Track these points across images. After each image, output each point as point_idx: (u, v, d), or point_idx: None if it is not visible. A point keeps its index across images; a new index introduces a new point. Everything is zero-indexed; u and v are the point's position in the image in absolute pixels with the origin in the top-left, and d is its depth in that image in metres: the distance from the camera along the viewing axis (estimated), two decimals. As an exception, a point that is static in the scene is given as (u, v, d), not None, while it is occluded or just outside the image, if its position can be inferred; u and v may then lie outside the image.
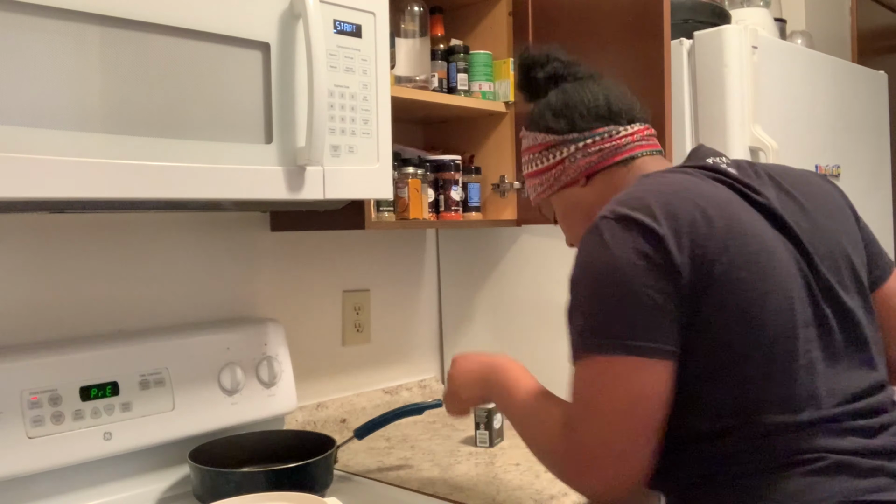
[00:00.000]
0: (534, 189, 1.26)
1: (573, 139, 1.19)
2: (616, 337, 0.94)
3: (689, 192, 1.00)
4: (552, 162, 1.21)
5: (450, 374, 1.35)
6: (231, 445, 1.51)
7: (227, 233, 1.73)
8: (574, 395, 0.99)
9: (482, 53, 1.89)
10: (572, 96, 1.21)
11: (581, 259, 1.02)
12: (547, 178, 1.22)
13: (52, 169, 1.03)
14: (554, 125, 1.20)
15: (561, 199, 1.24)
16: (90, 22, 1.07)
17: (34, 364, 1.33)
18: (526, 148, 1.26)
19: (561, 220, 1.26)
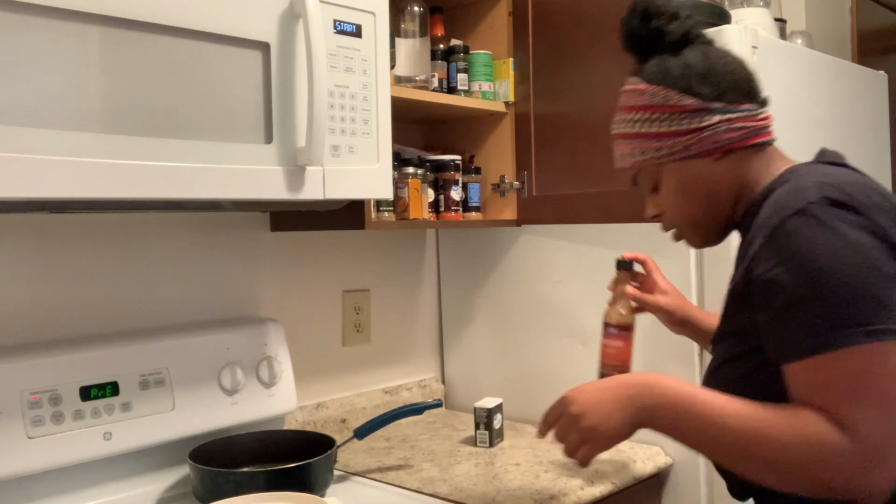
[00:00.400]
0: (643, 152, 1.12)
1: (719, 109, 1.08)
2: (880, 320, 0.88)
3: (869, 182, 1.00)
4: (688, 127, 1.09)
5: (573, 415, 1.07)
6: (231, 445, 1.51)
7: (227, 233, 1.73)
8: (834, 391, 0.90)
9: (482, 53, 1.89)
10: (716, 63, 1.11)
11: (804, 247, 0.92)
12: (673, 144, 1.10)
13: (52, 169, 1.03)
14: (699, 89, 1.08)
15: (681, 170, 1.11)
16: (90, 22, 1.07)
17: (34, 364, 1.33)
18: (646, 105, 1.12)
19: (671, 192, 1.13)
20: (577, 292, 1.88)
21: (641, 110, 1.13)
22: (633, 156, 1.15)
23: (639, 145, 1.13)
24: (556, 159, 1.82)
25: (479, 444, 1.79)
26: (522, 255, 1.99)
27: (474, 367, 2.12)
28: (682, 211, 1.14)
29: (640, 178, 1.17)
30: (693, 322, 1.37)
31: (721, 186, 1.11)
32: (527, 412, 2.00)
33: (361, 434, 1.58)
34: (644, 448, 1.74)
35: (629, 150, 1.15)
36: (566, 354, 1.91)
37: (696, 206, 1.12)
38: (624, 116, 1.16)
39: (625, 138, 1.15)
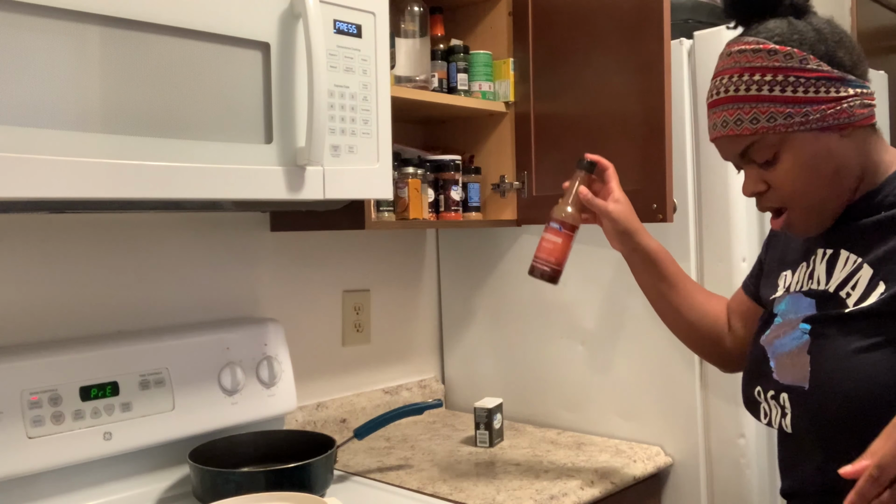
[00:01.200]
0: (771, 117, 1.03)
1: (854, 82, 1.03)
2: None
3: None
4: (826, 96, 1.02)
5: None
6: (231, 445, 1.51)
7: (227, 233, 1.73)
8: None
9: (482, 53, 1.89)
10: (843, 35, 1.05)
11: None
12: (807, 112, 1.02)
13: (52, 169, 1.03)
14: (839, 57, 1.03)
15: (813, 143, 1.03)
16: (90, 22, 1.07)
17: (34, 364, 1.33)
18: (779, 67, 1.03)
19: (796, 167, 1.04)
20: (577, 292, 1.88)
21: (772, 72, 1.03)
22: (754, 121, 1.03)
23: (766, 110, 1.03)
24: (556, 159, 1.82)
25: (479, 444, 1.79)
26: (522, 255, 1.99)
27: (474, 367, 2.12)
28: (807, 189, 1.05)
29: (755, 148, 1.05)
30: (636, 237, 1.36)
31: (850, 164, 1.05)
32: (527, 412, 2.00)
33: (361, 434, 1.58)
34: (644, 448, 1.74)
35: (749, 114, 1.04)
36: (566, 354, 1.91)
37: (822, 184, 1.05)
38: (744, 78, 1.04)
39: (744, 101, 1.04)
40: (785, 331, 1.10)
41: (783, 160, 1.04)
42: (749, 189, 1.09)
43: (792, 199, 1.06)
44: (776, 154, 1.04)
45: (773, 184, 1.06)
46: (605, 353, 1.84)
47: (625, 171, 1.67)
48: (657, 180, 1.61)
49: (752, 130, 1.04)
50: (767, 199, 1.08)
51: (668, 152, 1.60)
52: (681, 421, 1.72)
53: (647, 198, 1.62)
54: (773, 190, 1.07)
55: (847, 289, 1.04)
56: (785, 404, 1.08)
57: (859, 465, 0.85)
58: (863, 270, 1.03)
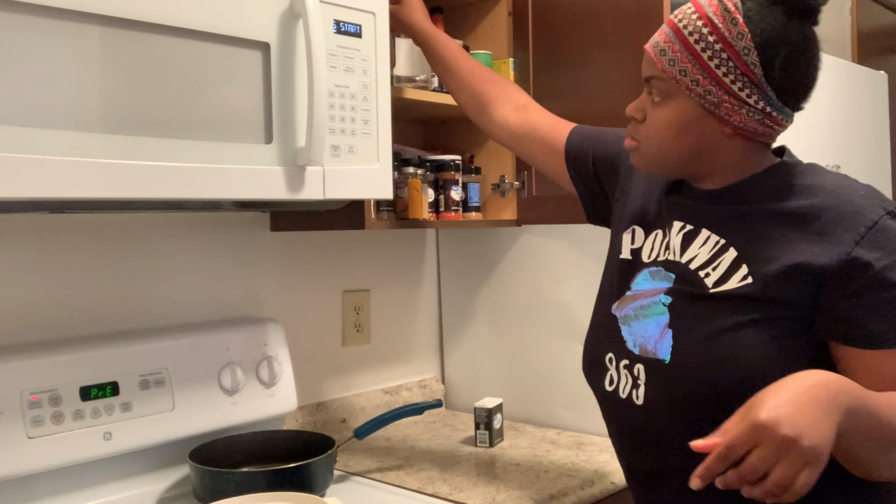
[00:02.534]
0: (683, 72, 1.05)
1: (773, 102, 1.05)
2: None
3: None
4: (737, 92, 1.04)
5: (787, 438, 0.84)
6: (231, 445, 1.51)
7: (227, 233, 1.73)
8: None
9: (482, 53, 1.89)
10: (809, 60, 1.06)
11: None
12: (710, 90, 1.04)
13: (52, 169, 1.03)
14: (779, 75, 1.03)
15: (691, 112, 1.07)
16: (90, 22, 1.07)
17: (34, 364, 1.33)
18: (726, 40, 1.03)
19: (668, 123, 1.08)
20: (577, 292, 1.88)
21: (716, 35, 1.04)
22: (671, 63, 1.06)
23: (685, 61, 1.05)
24: (556, 159, 1.81)
25: (479, 444, 1.79)
26: (522, 255, 1.99)
27: (474, 367, 2.12)
28: (662, 143, 1.11)
29: (654, 83, 1.09)
30: (412, 27, 1.61)
31: (712, 153, 1.09)
32: (527, 412, 2.00)
33: (361, 434, 1.58)
34: (644, 448, 1.74)
35: (673, 53, 1.06)
36: (566, 354, 1.91)
37: (677, 149, 1.10)
38: (695, 19, 1.05)
39: (680, 42, 1.05)
40: (640, 302, 1.14)
41: (665, 108, 1.08)
42: (632, 108, 1.14)
43: (644, 142, 1.12)
44: (663, 100, 1.08)
45: (648, 121, 1.11)
46: (605, 353, 1.83)
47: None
48: (657, 180, 1.60)
49: (662, 69, 1.07)
50: (635, 128, 1.14)
51: (668, 152, 1.60)
52: (681, 421, 1.72)
53: (647, 198, 1.62)
54: (644, 126, 1.12)
55: (708, 269, 1.08)
56: (639, 375, 1.11)
57: (710, 441, 0.87)
58: (727, 253, 1.07)
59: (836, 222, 1.01)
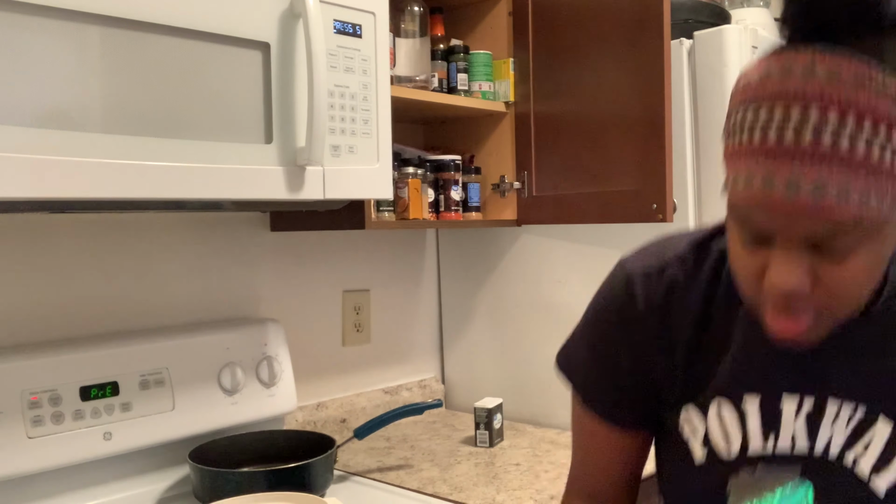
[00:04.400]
0: (879, 197, 0.67)
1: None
2: None
3: None
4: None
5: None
6: (231, 445, 1.51)
7: (227, 233, 1.73)
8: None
9: (482, 53, 1.89)
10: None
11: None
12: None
13: (52, 169, 1.03)
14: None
15: (891, 239, 0.72)
16: (90, 22, 1.07)
17: (34, 364, 1.33)
18: (892, 115, 0.66)
19: (869, 266, 0.71)
20: (577, 292, 1.88)
21: (886, 121, 0.65)
22: (865, 198, 0.66)
23: (881, 186, 0.66)
24: (556, 159, 1.82)
25: (479, 444, 1.79)
26: (522, 255, 1.99)
27: (474, 367, 2.12)
28: (862, 296, 0.74)
29: (843, 235, 0.68)
30: None
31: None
32: (527, 412, 2.00)
33: (361, 434, 1.58)
34: (644, 448, 1.74)
35: (859, 187, 0.66)
36: (566, 354, 1.91)
37: (871, 285, 0.73)
38: (847, 122, 0.65)
39: (857, 167, 0.66)
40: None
41: (859, 255, 0.70)
42: (794, 281, 0.70)
43: (839, 306, 0.73)
44: (855, 247, 0.70)
45: (830, 283, 0.71)
46: (605, 353, 1.83)
47: (625, 171, 1.67)
48: (657, 180, 1.61)
49: (859, 211, 0.66)
50: (808, 297, 0.72)
51: (668, 152, 1.60)
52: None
53: (647, 198, 1.62)
54: (823, 289, 0.72)
55: (856, 450, 0.80)
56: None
57: None
58: (878, 424, 0.79)
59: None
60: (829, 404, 0.81)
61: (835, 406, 0.81)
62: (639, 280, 0.91)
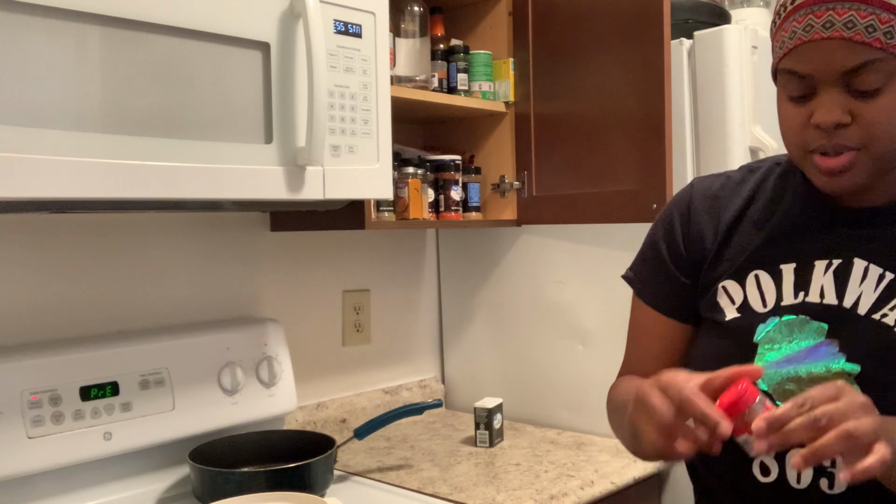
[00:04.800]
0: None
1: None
2: None
3: None
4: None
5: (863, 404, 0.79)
6: (231, 445, 1.51)
7: (227, 233, 1.73)
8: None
9: (482, 53, 1.89)
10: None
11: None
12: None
13: (52, 169, 1.03)
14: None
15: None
16: (90, 22, 1.07)
17: (34, 364, 1.33)
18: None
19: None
20: (577, 292, 1.88)
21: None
22: (889, 35, 0.83)
23: (892, 21, 0.83)
24: (556, 159, 1.82)
25: (479, 444, 1.78)
26: (522, 255, 1.99)
27: (474, 367, 2.12)
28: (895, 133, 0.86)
29: (870, 69, 0.84)
30: None
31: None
32: (527, 412, 2.00)
33: (361, 434, 1.58)
34: (644, 448, 1.74)
35: (885, 24, 0.83)
36: (566, 354, 1.91)
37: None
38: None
39: (882, 8, 0.83)
40: (793, 367, 0.92)
41: (888, 94, 0.84)
42: (833, 117, 0.85)
43: (875, 142, 0.86)
44: (888, 82, 0.84)
45: (866, 118, 0.85)
46: (605, 353, 1.83)
47: (625, 171, 1.67)
48: (657, 180, 1.61)
49: (884, 45, 0.82)
50: (844, 135, 0.86)
51: (668, 152, 1.60)
52: (681, 421, 1.72)
53: (647, 198, 1.62)
54: (859, 126, 0.86)
55: (885, 310, 0.88)
56: (836, 466, 0.90)
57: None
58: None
59: None
60: (855, 264, 0.91)
61: (862, 266, 0.91)
62: (700, 180, 1.10)
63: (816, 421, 0.75)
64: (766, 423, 0.77)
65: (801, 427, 0.76)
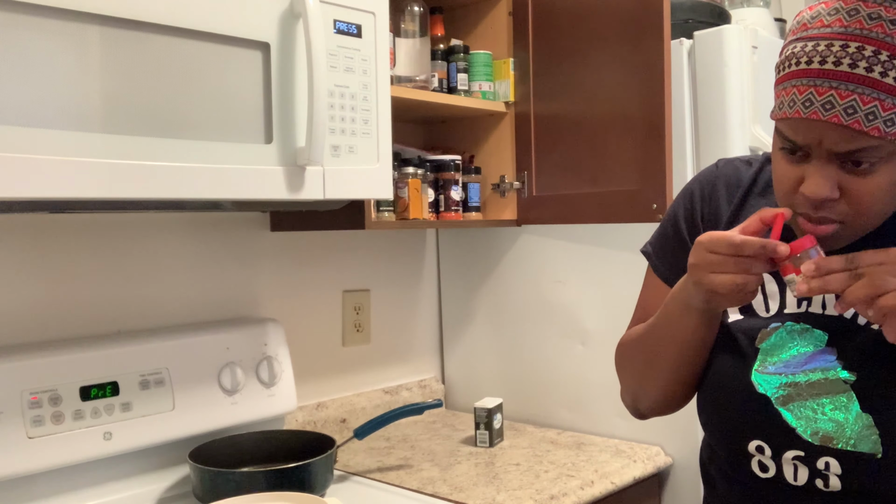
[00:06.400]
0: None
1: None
2: None
3: None
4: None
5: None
6: (231, 445, 1.51)
7: (227, 233, 1.73)
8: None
9: (482, 53, 1.89)
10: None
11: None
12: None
13: (52, 169, 1.03)
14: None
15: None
16: (90, 22, 1.07)
17: (34, 364, 1.33)
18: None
19: (884, 190, 0.87)
20: (577, 292, 1.88)
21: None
22: (890, 123, 0.82)
23: (895, 108, 0.82)
24: (556, 159, 1.82)
25: (479, 444, 1.79)
26: (522, 255, 1.99)
27: (474, 367, 2.12)
28: (883, 210, 0.89)
29: (867, 153, 0.84)
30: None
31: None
32: (527, 412, 2.00)
33: (361, 434, 1.58)
34: (644, 448, 1.74)
35: (888, 112, 0.82)
36: (566, 354, 1.91)
37: (892, 206, 0.90)
38: (881, 57, 0.81)
39: (886, 93, 0.81)
40: (794, 374, 0.94)
41: (879, 174, 0.85)
42: (823, 192, 0.86)
43: (860, 217, 0.88)
44: (878, 165, 0.86)
45: (854, 195, 0.87)
46: (605, 353, 1.83)
47: (625, 171, 1.67)
48: (657, 180, 1.61)
49: (882, 133, 0.82)
50: (831, 208, 0.88)
51: (668, 152, 1.60)
52: (681, 421, 1.72)
53: (647, 198, 1.62)
54: (848, 201, 0.87)
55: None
56: (829, 468, 0.92)
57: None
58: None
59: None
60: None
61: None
62: (727, 162, 1.11)
63: (858, 276, 0.81)
64: (815, 265, 0.84)
65: (842, 278, 0.82)
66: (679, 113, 1.69)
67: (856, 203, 0.87)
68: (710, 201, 1.08)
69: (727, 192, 1.08)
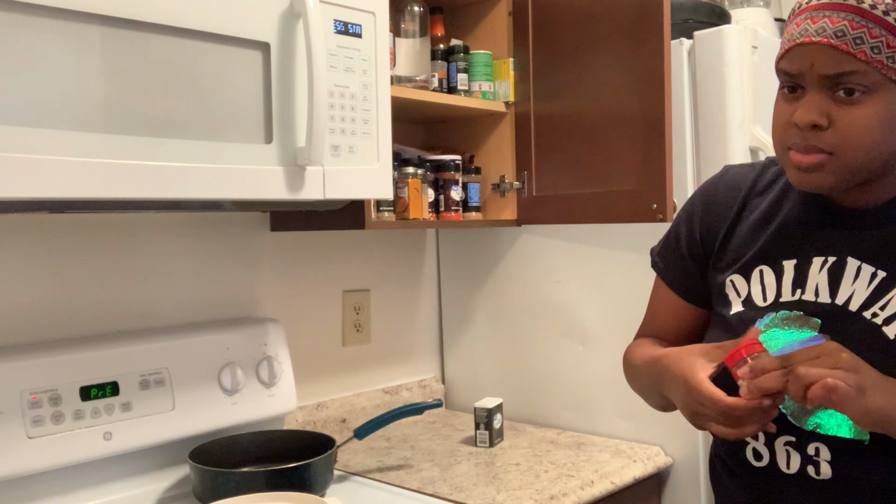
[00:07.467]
0: (891, 56, 0.88)
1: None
2: None
3: None
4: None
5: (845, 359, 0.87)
6: (231, 445, 1.51)
7: (227, 233, 1.73)
8: None
9: (482, 53, 1.89)
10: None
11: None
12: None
13: (52, 169, 1.03)
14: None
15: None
16: (90, 22, 1.07)
17: (34, 364, 1.33)
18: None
19: (875, 119, 0.90)
20: (577, 292, 1.88)
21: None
22: (876, 50, 0.88)
23: (891, 43, 0.88)
24: (556, 159, 1.82)
25: (479, 444, 1.79)
26: (522, 255, 1.99)
27: (474, 367, 2.12)
28: (869, 146, 0.91)
29: (852, 78, 0.89)
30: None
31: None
32: (527, 412, 2.00)
33: (361, 434, 1.58)
34: (644, 448, 1.74)
35: (874, 38, 0.88)
36: (566, 354, 1.91)
37: (879, 150, 0.91)
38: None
39: (874, 22, 0.88)
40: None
41: (867, 105, 0.89)
42: (810, 117, 0.90)
43: (846, 149, 0.91)
44: (865, 95, 0.89)
45: (841, 124, 0.90)
46: (605, 353, 1.84)
47: (625, 171, 1.67)
48: (657, 180, 1.61)
49: (868, 58, 0.87)
50: (818, 137, 0.91)
51: (669, 152, 1.60)
52: (681, 421, 1.71)
53: (647, 198, 1.62)
54: (835, 131, 0.90)
55: (875, 308, 0.94)
56: (819, 454, 0.97)
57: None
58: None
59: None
60: (849, 262, 0.97)
61: (855, 265, 0.97)
62: (729, 168, 1.15)
63: (790, 373, 0.86)
64: (749, 368, 0.89)
65: (775, 377, 0.87)
66: (679, 113, 1.69)
67: (843, 133, 0.90)
68: (708, 214, 1.13)
69: (728, 196, 1.12)
